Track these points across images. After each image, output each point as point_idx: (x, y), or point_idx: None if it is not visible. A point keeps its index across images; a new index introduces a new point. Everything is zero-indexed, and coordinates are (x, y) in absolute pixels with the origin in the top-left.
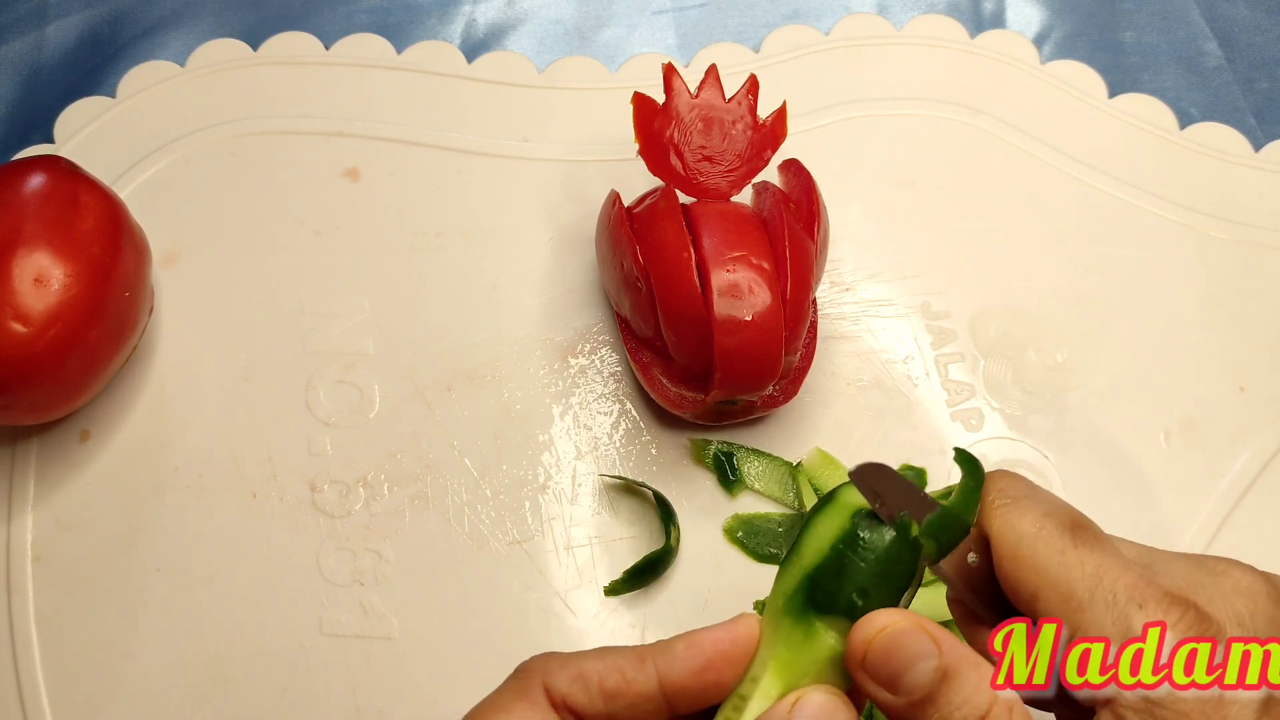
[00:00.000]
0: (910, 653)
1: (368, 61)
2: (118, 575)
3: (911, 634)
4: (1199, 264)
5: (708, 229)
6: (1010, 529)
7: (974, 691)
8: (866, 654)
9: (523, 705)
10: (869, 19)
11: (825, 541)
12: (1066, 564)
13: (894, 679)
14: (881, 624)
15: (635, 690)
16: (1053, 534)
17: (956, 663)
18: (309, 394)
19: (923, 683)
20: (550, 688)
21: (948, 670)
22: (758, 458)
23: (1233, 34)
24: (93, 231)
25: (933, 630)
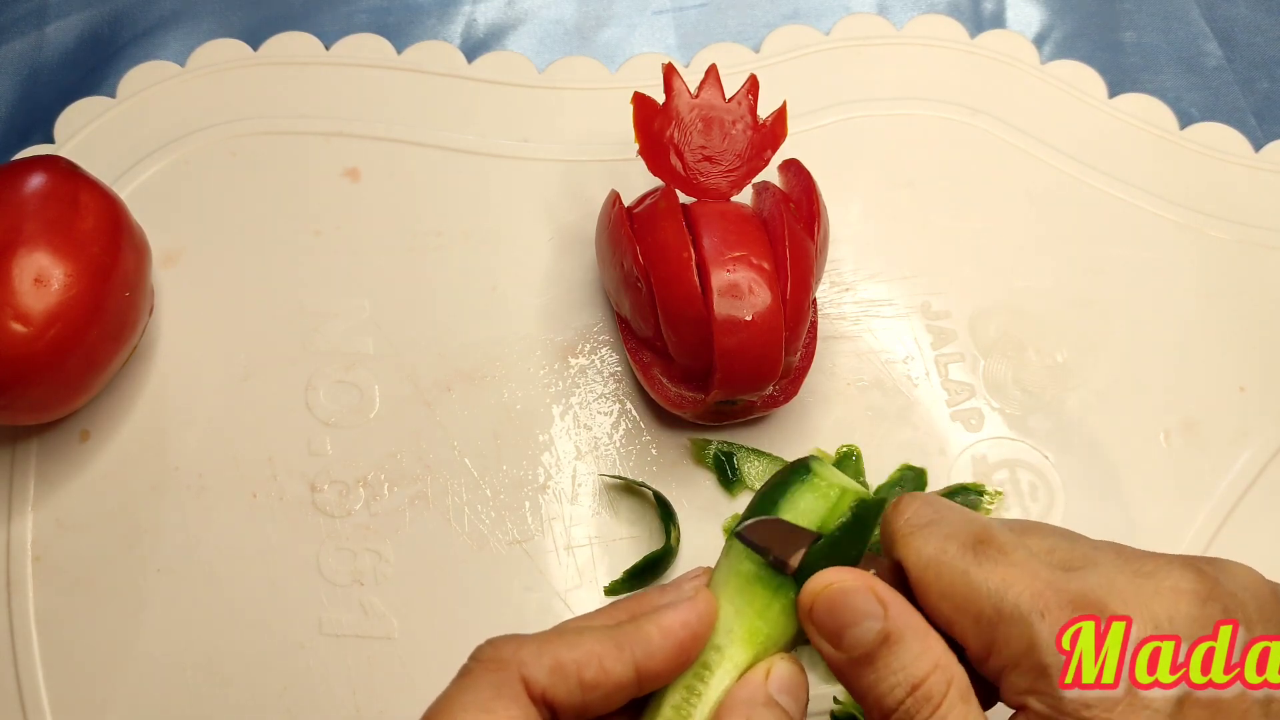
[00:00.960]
0: (855, 610)
1: (368, 61)
2: (118, 575)
3: (858, 593)
4: (1199, 264)
5: (708, 229)
6: (916, 556)
7: (913, 659)
8: (813, 606)
9: (504, 703)
10: (869, 19)
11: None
12: (971, 584)
13: (838, 634)
14: (830, 580)
15: (613, 680)
16: (955, 557)
17: (901, 628)
18: (309, 394)
19: (865, 641)
20: (529, 680)
21: (890, 634)
22: (758, 458)
23: (1233, 34)
24: (93, 231)
25: (882, 593)
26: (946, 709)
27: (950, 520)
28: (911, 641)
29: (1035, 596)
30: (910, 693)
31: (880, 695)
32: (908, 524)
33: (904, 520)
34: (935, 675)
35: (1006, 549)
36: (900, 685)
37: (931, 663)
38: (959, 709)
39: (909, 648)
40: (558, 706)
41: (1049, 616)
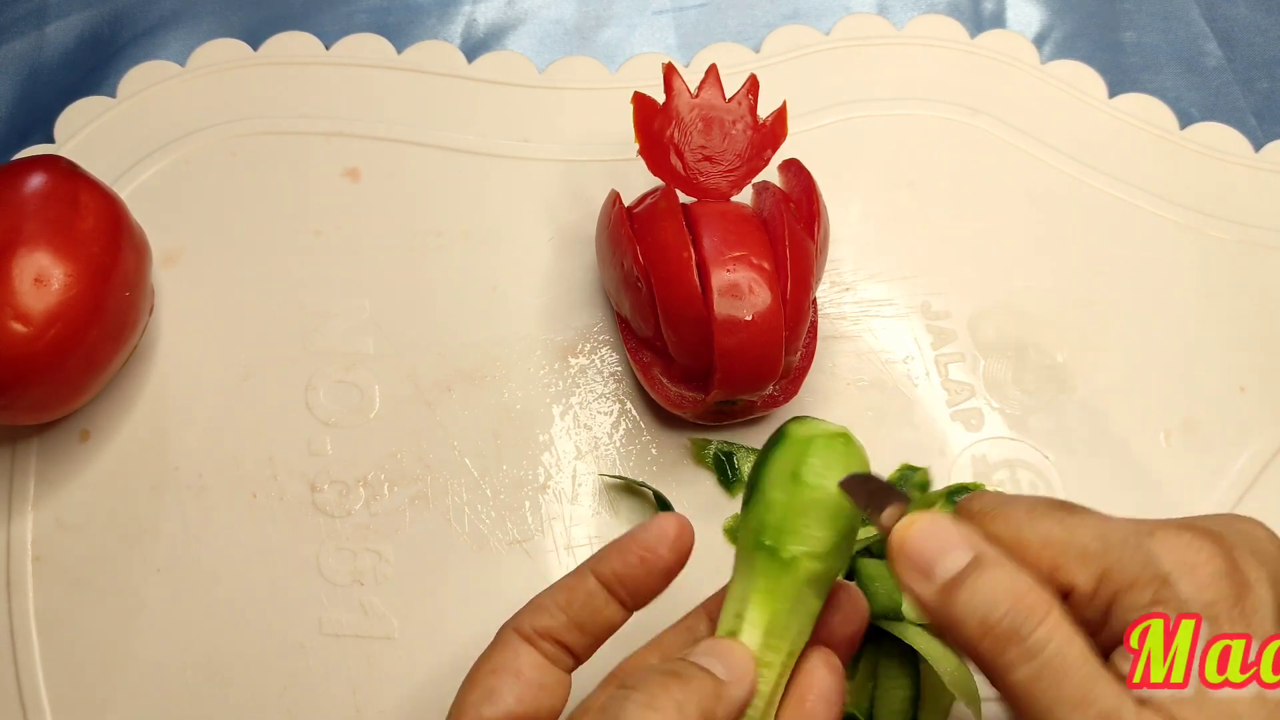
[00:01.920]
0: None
1: (368, 61)
2: (118, 575)
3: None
4: (1199, 264)
5: (708, 229)
6: (1007, 522)
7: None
8: (905, 541)
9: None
10: (869, 19)
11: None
12: (1070, 527)
13: (929, 566)
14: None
15: (582, 590)
16: (1047, 511)
17: (991, 555)
18: (309, 394)
19: (957, 566)
20: (517, 629)
21: (980, 558)
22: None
23: (1233, 34)
24: (93, 231)
25: (970, 532)
26: (1055, 621)
27: (1023, 497)
28: (1004, 567)
29: (1136, 524)
30: (1014, 603)
31: (981, 607)
32: (987, 504)
33: (981, 504)
34: (1034, 593)
35: (1088, 509)
36: (1003, 597)
37: (1027, 583)
38: (1067, 624)
39: (1001, 569)
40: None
41: (1157, 535)
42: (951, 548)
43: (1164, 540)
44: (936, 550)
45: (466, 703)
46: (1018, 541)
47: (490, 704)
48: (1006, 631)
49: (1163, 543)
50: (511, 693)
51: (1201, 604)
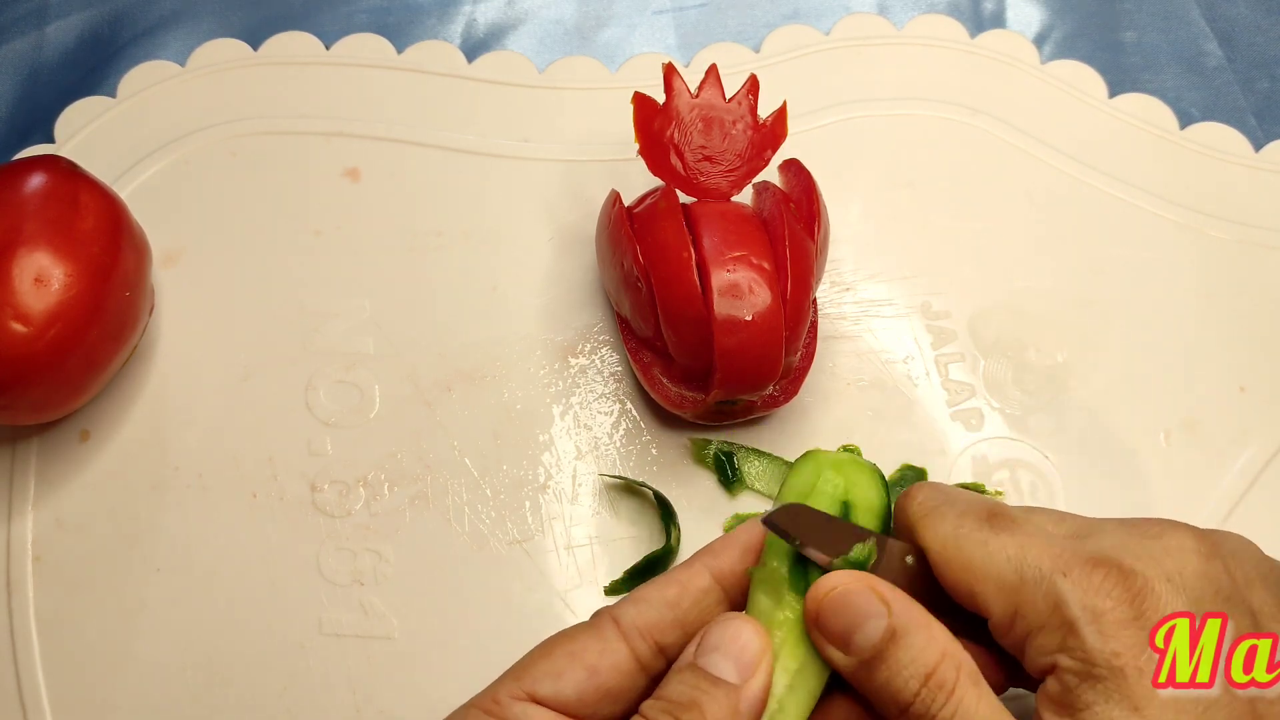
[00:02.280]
0: (859, 611)
1: (368, 61)
2: (118, 575)
3: (861, 594)
4: (1199, 264)
5: (708, 229)
6: (935, 536)
7: (921, 650)
8: (819, 612)
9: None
10: (869, 19)
11: None
12: (989, 553)
13: (846, 637)
14: (834, 584)
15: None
16: (972, 529)
17: (906, 623)
18: (309, 394)
19: (873, 641)
20: (618, 619)
21: (896, 630)
22: (758, 458)
23: (1233, 34)
24: (93, 231)
25: (883, 591)
26: (960, 693)
27: (961, 500)
28: (917, 634)
29: (1054, 558)
30: (924, 683)
31: (896, 690)
32: (921, 507)
33: (916, 504)
34: (945, 663)
35: (1019, 520)
36: (914, 677)
37: (939, 651)
38: (971, 692)
39: (915, 640)
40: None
41: (1071, 574)
42: (867, 617)
43: (1075, 581)
44: (852, 621)
45: (533, 670)
46: (942, 560)
47: (551, 683)
48: (919, 712)
49: (1074, 584)
50: (577, 685)
51: (1106, 654)
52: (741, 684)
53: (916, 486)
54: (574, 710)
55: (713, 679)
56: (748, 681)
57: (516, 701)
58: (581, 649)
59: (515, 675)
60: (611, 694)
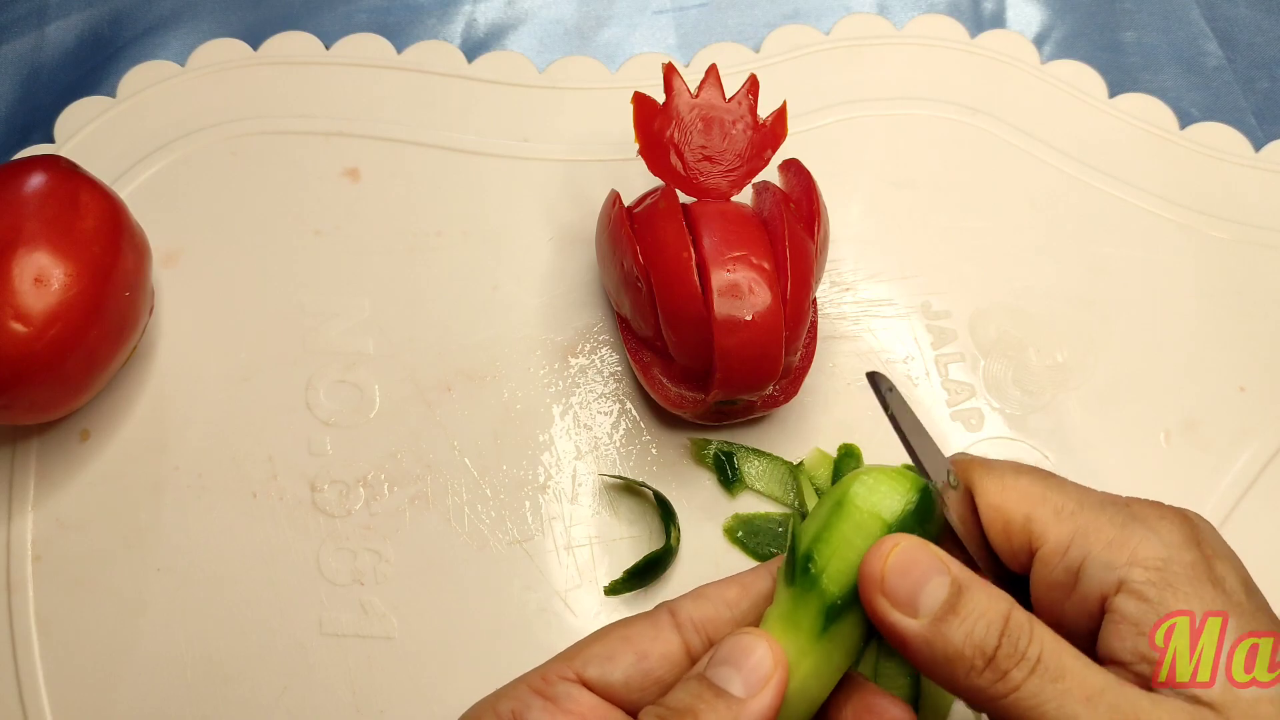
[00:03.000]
0: (925, 567)
1: (368, 61)
2: (118, 575)
3: (923, 551)
4: (1199, 264)
5: (708, 229)
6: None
7: (990, 601)
8: (885, 574)
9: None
10: (869, 19)
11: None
12: (1049, 486)
13: (912, 599)
14: (895, 542)
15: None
16: (1031, 470)
17: (968, 579)
18: (309, 394)
19: (940, 596)
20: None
21: (961, 584)
22: (758, 458)
23: (1233, 34)
24: (93, 231)
25: (939, 552)
26: (1040, 632)
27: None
28: (981, 588)
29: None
30: (1005, 624)
31: (978, 639)
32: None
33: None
34: (1016, 611)
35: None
36: (994, 623)
37: (1008, 601)
38: (1048, 631)
39: (982, 593)
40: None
41: (1134, 503)
42: (932, 575)
43: (1140, 507)
44: (917, 582)
45: (585, 652)
46: (1000, 488)
47: (600, 665)
48: (1008, 652)
49: (1139, 509)
50: (625, 670)
51: (1184, 562)
52: (747, 698)
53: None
54: (619, 695)
55: (716, 690)
56: (754, 697)
57: (564, 681)
58: (635, 634)
59: (568, 656)
60: (659, 682)
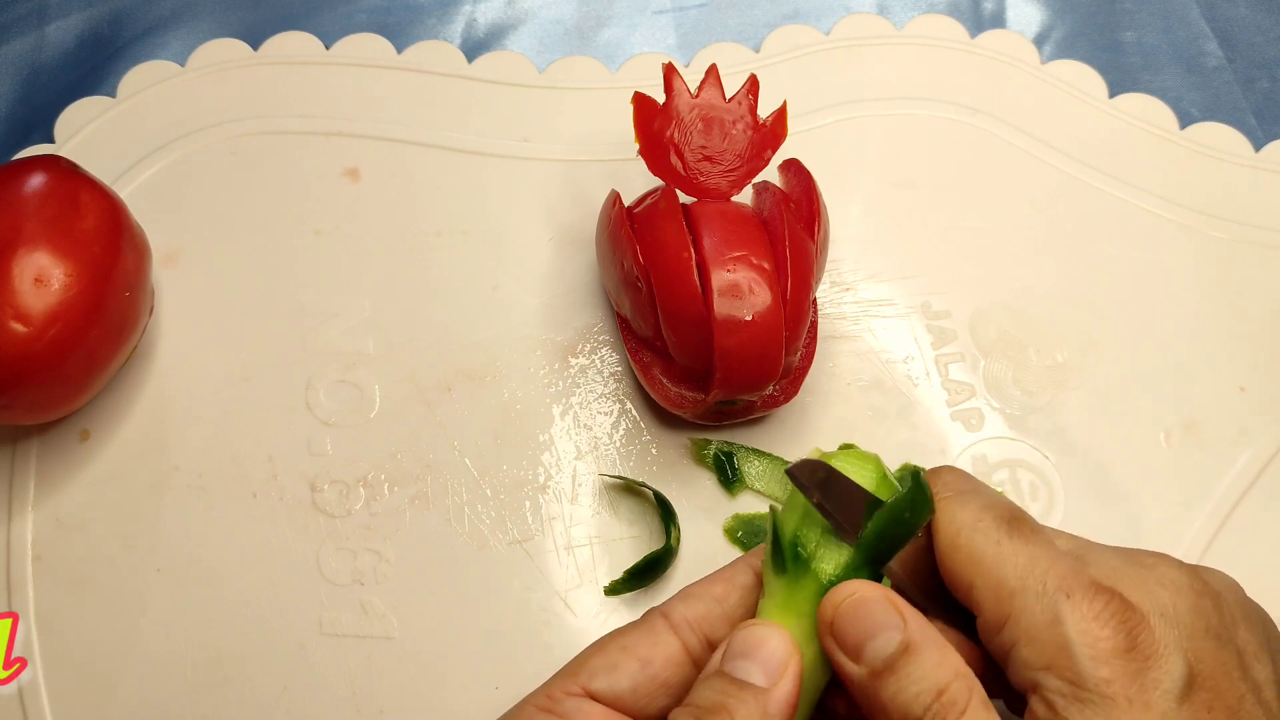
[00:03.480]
0: (876, 620)
1: (368, 61)
2: (118, 575)
3: (878, 603)
4: (1199, 264)
5: (708, 229)
6: (951, 520)
7: (934, 666)
8: (834, 618)
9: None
10: (869, 19)
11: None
12: (1001, 554)
13: (858, 646)
14: (850, 591)
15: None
16: (990, 525)
17: (921, 639)
18: (309, 394)
19: (886, 652)
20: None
21: (910, 644)
22: (758, 458)
23: (1233, 34)
24: (93, 231)
25: (899, 604)
26: (971, 714)
27: (985, 494)
28: (931, 651)
29: (1060, 578)
30: (936, 698)
31: (904, 704)
32: (946, 488)
33: (941, 484)
34: (958, 682)
35: (1036, 530)
36: (925, 692)
37: (952, 670)
38: (983, 713)
39: (929, 657)
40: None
41: (1073, 596)
42: (882, 628)
43: (1076, 605)
44: (866, 631)
45: (587, 665)
46: (950, 546)
47: (606, 678)
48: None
49: (1074, 607)
50: (631, 678)
51: (1098, 679)
52: (770, 687)
53: (945, 468)
54: (628, 703)
55: (740, 683)
56: (776, 685)
57: (570, 697)
58: (634, 643)
59: (569, 672)
60: (666, 685)
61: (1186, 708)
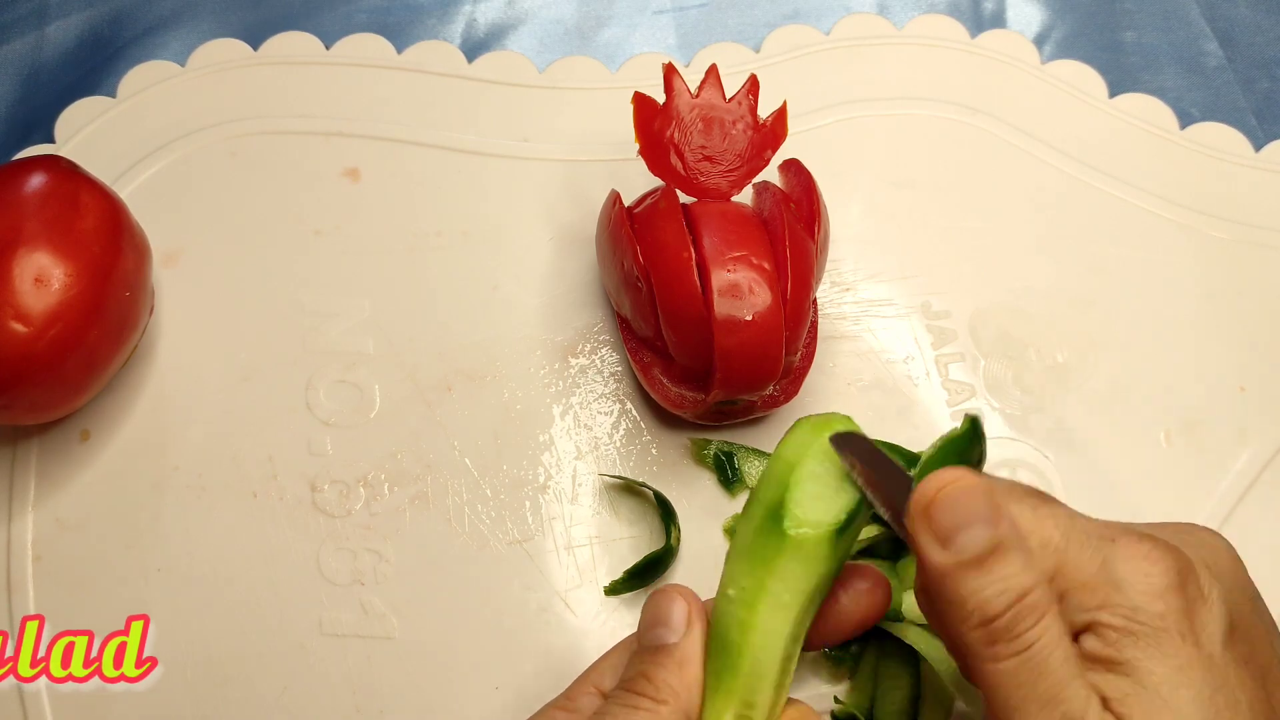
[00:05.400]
0: (973, 512)
1: (368, 61)
2: (118, 575)
3: (979, 494)
4: (1199, 264)
5: (708, 229)
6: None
7: (1020, 569)
8: (932, 503)
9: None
10: (869, 19)
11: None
12: (1039, 516)
13: (950, 534)
14: (951, 477)
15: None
16: (1022, 495)
17: (1013, 540)
18: (309, 394)
19: (977, 544)
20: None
21: (1002, 543)
22: (758, 458)
23: (1233, 34)
24: (93, 231)
25: (1000, 501)
26: (1049, 622)
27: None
28: (1021, 553)
29: (1102, 527)
30: (1017, 600)
31: (984, 600)
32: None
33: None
34: (1040, 589)
35: (1057, 503)
36: (1008, 591)
37: (1037, 575)
38: (1056, 626)
39: (1017, 559)
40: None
41: (1119, 541)
42: (976, 521)
43: (1124, 547)
44: (961, 521)
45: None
46: None
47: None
48: (1004, 626)
49: (1123, 549)
50: None
51: (1151, 614)
52: (680, 640)
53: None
54: None
55: (654, 649)
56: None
57: (586, 695)
58: None
59: (585, 677)
60: None
61: (1229, 653)
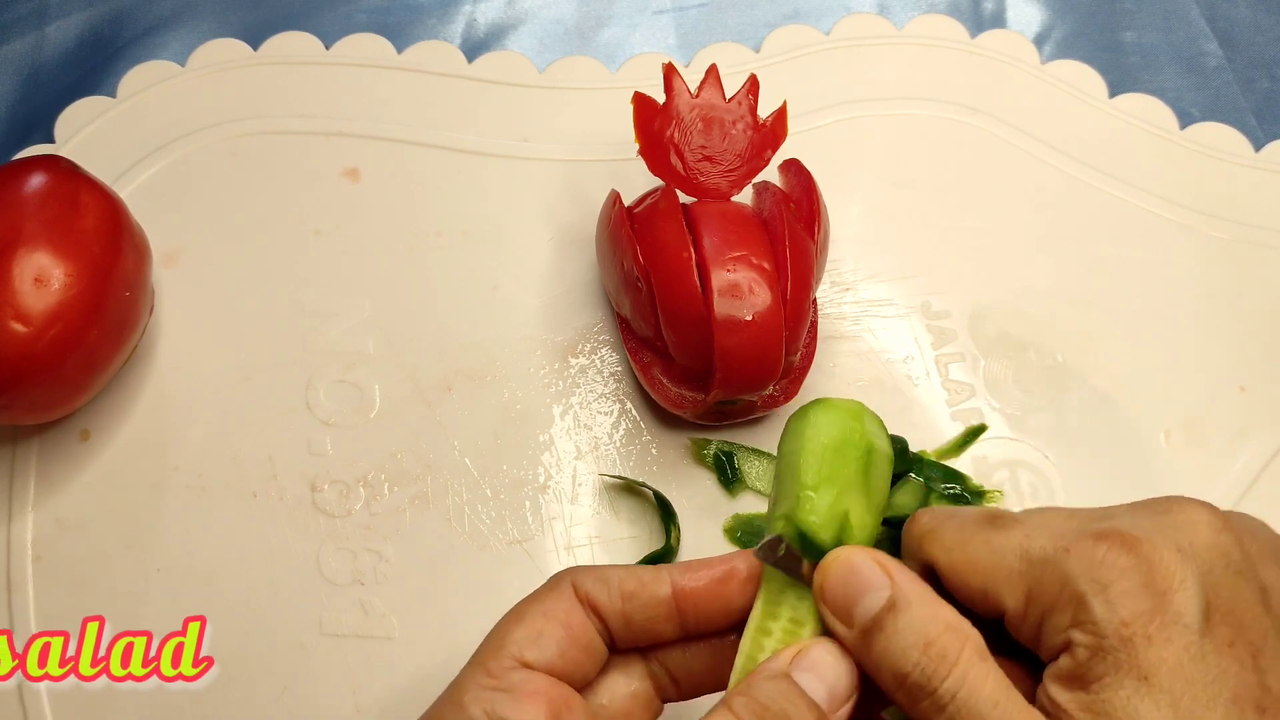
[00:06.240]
0: (862, 581)
1: (368, 61)
2: (118, 575)
3: (865, 564)
4: (1199, 264)
5: (708, 229)
6: (940, 544)
7: (923, 621)
8: (824, 585)
9: (553, 596)
10: (869, 19)
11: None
12: (995, 548)
13: (848, 610)
14: (838, 555)
15: (649, 592)
16: (974, 532)
17: (909, 595)
18: (309, 394)
19: (873, 611)
20: (576, 585)
21: (897, 600)
22: (758, 458)
23: (1233, 34)
24: (93, 231)
25: (887, 564)
26: (965, 667)
27: (961, 512)
28: (920, 606)
29: (1057, 538)
30: (924, 651)
31: (894, 658)
32: (926, 525)
33: (922, 524)
34: (947, 635)
35: (1020, 519)
36: (912, 646)
37: (943, 623)
38: (978, 666)
39: (917, 611)
40: (600, 610)
41: (1073, 550)
42: (868, 589)
43: (1079, 557)
44: (854, 592)
45: (510, 637)
46: (950, 567)
47: (535, 648)
48: (917, 682)
49: (1078, 560)
50: (558, 644)
51: (1115, 623)
52: (829, 713)
53: (921, 511)
54: (559, 670)
55: (806, 698)
56: (834, 712)
57: (511, 670)
58: (552, 608)
59: (498, 646)
60: (589, 650)
61: (1208, 642)
